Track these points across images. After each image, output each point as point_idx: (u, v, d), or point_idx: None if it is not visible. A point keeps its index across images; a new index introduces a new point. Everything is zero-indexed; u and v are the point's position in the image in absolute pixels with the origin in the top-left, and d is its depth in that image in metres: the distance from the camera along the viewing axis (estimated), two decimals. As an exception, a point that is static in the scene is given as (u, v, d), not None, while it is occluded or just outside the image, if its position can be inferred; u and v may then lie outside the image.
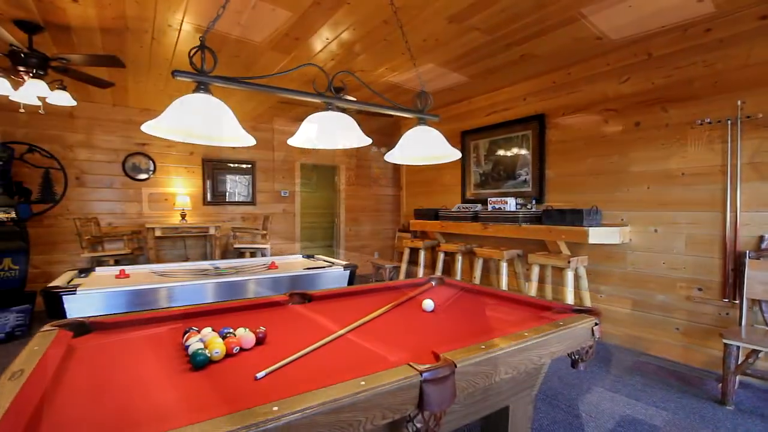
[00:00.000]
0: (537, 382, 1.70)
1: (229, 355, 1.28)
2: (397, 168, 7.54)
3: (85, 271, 3.33)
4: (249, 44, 3.49)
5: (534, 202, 4.27)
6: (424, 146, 1.93)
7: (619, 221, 3.60)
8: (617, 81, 3.62)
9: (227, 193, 6.27)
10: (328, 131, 1.74)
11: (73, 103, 3.48)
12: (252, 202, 6.48)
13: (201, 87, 1.46)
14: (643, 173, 3.45)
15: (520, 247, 4.28)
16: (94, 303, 2.56)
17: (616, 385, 2.83)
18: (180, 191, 5.85)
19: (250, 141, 1.58)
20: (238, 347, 1.32)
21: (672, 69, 3.26)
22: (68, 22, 3.08)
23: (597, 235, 3.41)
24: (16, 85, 3.16)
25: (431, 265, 5.49)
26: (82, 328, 1.42)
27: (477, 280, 4.31)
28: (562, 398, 2.62)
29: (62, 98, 3.38)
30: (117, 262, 5.21)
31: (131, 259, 5.21)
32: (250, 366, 1.17)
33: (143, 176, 5.68)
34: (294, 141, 1.75)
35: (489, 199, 4.44)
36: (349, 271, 3.47)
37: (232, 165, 6.29)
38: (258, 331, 1.43)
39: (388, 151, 2.10)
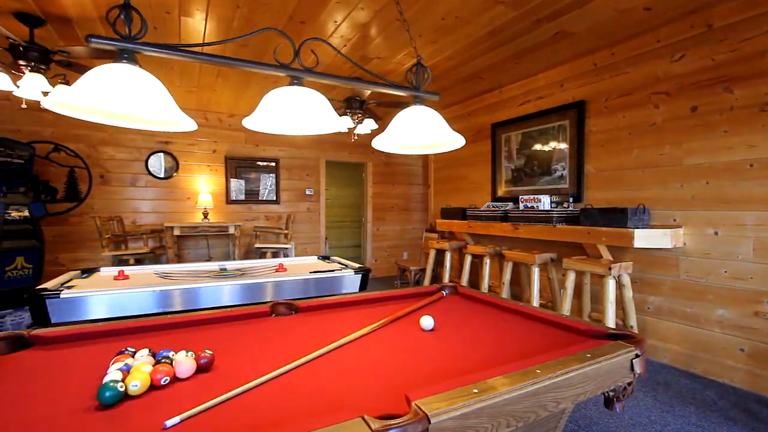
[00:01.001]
0: (559, 425, 1.37)
1: (156, 387, 1.06)
2: (426, 165, 7.22)
3: (88, 272, 3.28)
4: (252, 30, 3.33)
5: (571, 200, 3.84)
6: (419, 131, 1.64)
7: (671, 222, 3.13)
8: (669, 59, 3.14)
9: (250, 192, 6.22)
10: (292, 112, 1.50)
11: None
12: (276, 201, 6.39)
13: (124, 56, 1.24)
14: (701, 166, 2.96)
15: (555, 251, 3.87)
16: (79, 307, 2.44)
17: (666, 416, 2.41)
18: (203, 189, 5.86)
19: (186, 125, 1.36)
20: (167, 378, 1.08)
21: (738, 42, 2.76)
22: (66, 13, 3.03)
23: (644, 237, 2.97)
24: (17, 80, 3.14)
25: (458, 268, 5.15)
26: (20, 342, 1.26)
27: (506, 287, 3.94)
28: (598, 430, 2.24)
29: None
30: (139, 261, 5.27)
31: (152, 258, 5.25)
32: (174, 405, 0.95)
33: (166, 174, 5.72)
34: (250, 122, 1.50)
35: (520, 197, 4.06)
36: (360, 276, 3.23)
37: (255, 163, 6.23)
38: (202, 355, 1.19)
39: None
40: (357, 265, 3.55)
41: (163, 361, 1.13)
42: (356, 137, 4.92)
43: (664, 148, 3.18)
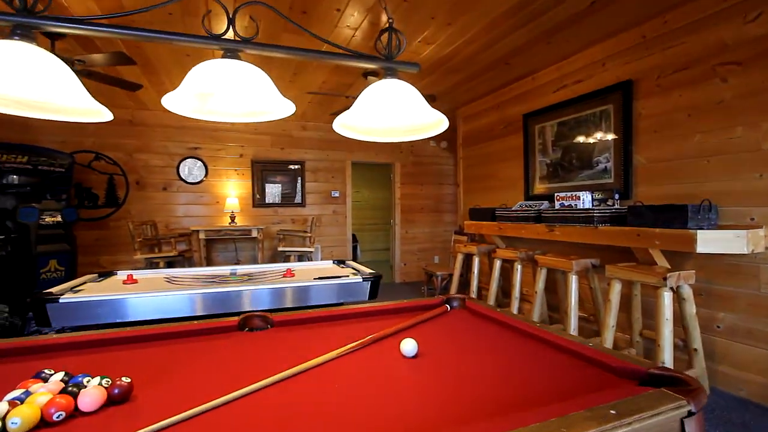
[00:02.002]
0: None
1: (49, 423, 0.83)
2: (457, 163, 6.69)
3: (105, 275, 3.18)
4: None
5: (617, 197, 3.21)
6: (390, 111, 1.22)
7: (748, 221, 2.45)
8: (741, 20, 2.47)
9: (276, 195, 6.04)
10: (225, 92, 1.14)
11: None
12: (301, 204, 6.17)
13: (17, 32, 0.95)
14: (790, 150, 2.28)
15: (598, 256, 3.25)
16: (77, 312, 2.28)
17: (749, 474, 1.79)
18: (231, 193, 5.74)
19: (102, 115, 1.05)
20: (62, 413, 0.84)
21: (842, -13, 2.07)
22: None
23: (710, 240, 2.33)
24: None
25: (488, 274, 4.60)
26: None
27: (539, 296, 3.37)
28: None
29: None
30: (170, 264, 5.22)
31: (180, 261, 5.18)
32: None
33: (195, 179, 5.66)
34: (169, 101, 1.14)
35: (555, 195, 3.47)
36: (369, 283, 2.83)
37: (281, 166, 6.04)
38: (117, 383, 0.94)
39: (447, 144, 1.48)
40: (369, 271, 3.16)
41: (69, 389, 0.91)
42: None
43: (736, 131, 2.51)
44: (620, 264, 2.76)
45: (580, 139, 3.62)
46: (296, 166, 6.11)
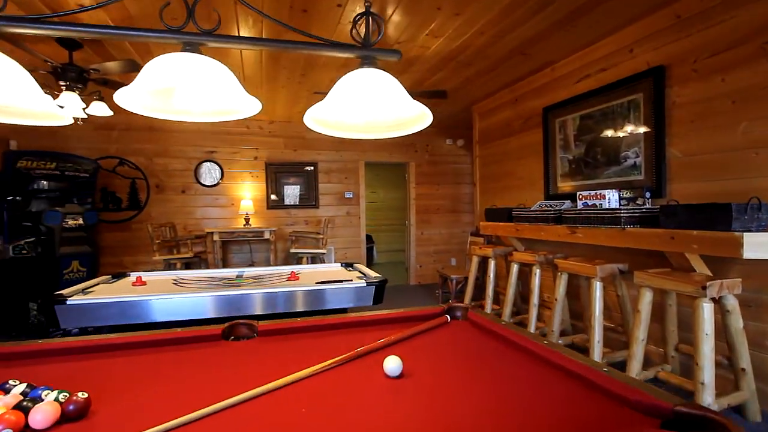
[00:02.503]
0: None
1: None
2: (473, 161, 6.35)
3: (118, 276, 3.12)
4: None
5: (648, 195, 2.84)
6: (367, 105, 0.99)
7: (808, 222, 2.06)
8: (799, -11, 2.08)
9: (290, 197, 5.90)
10: (186, 89, 0.94)
11: (110, 113, 3.28)
12: (314, 205, 6.00)
13: None
14: None
15: (626, 260, 2.89)
16: (83, 313, 2.20)
17: None
18: (245, 195, 5.65)
19: (57, 119, 0.89)
20: (9, 431, 0.77)
21: None
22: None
23: (760, 244, 1.96)
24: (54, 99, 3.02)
25: (506, 278, 4.27)
26: None
27: (560, 304, 3.04)
28: None
29: (100, 109, 3.20)
30: (187, 265, 5.17)
31: (197, 262, 5.11)
32: None
33: (212, 182, 5.59)
34: (123, 99, 0.95)
35: (578, 194, 3.13)
36: (374, 288, 2.59)
37: (294, 168, 5.89)
38: (72, 399, 0.84)
39: (464, 143, 1.25)
40: (375, 275, 2.93)
41: (24, 404, 0.82)
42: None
43: (791, 117, 2.12)
44: (651, 270, 2.40)
45: (606, 132, 3.25)
46: (309, 168, 5.95)
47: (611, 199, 2.88)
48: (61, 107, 3.02)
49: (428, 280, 6.47)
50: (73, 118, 3.13)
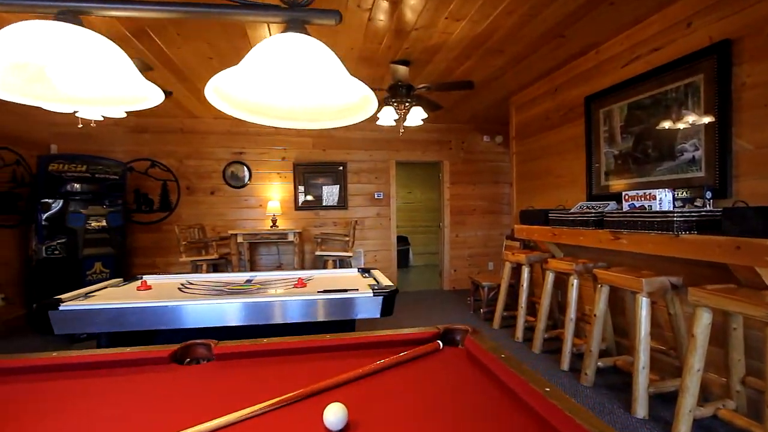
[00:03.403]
0: None
1: None
2: (510, 159, 5.98)
3: (130, 279, 3.19)
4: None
5: (709, 195, 2.43)
6: (290, 82, 0.82)
7: None
8: None
9: (318, 198, 5.87)
10: (59, 68, 0.83)
11: (123, 114, 3.39)
12: (343, 206, 5.93)
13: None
14: None
15: (680, 272, 2.50)
16: (75, 320, 2.22)
17: None
18: (273, 197, 5.70)
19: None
20: None
21: None
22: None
23: None
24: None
25: (542, 287, 3.90)
26: None
27: (599, 320, 2.69)
28: None
29: (114, 111, 3.30)
30: (214, 267, 5.31)
31: (223, 264, 5.22)
32: None
33: (240, 184, 5.70)
34: None
35: (623, 194, 2.76)
36: (381, 299, 2.43)
37: (322, 168, 5.86)
38: None
39: (503, 140, 1.08)
40: (387, 283, 2.76)
41: None
42: (402, 131, 4.11)
43: None
44: (711, 286, 2.03)
45: (658, 122, 2.85)
46: (338, 168, 5.89)
47: (663, 199, 2.51)
48: (75, 111, 3.15)
49: (463, 285, 6.18)
50: (82, 119, 3.26)
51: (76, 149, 5.20)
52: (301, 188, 5.81)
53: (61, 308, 2.18)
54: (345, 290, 2.47)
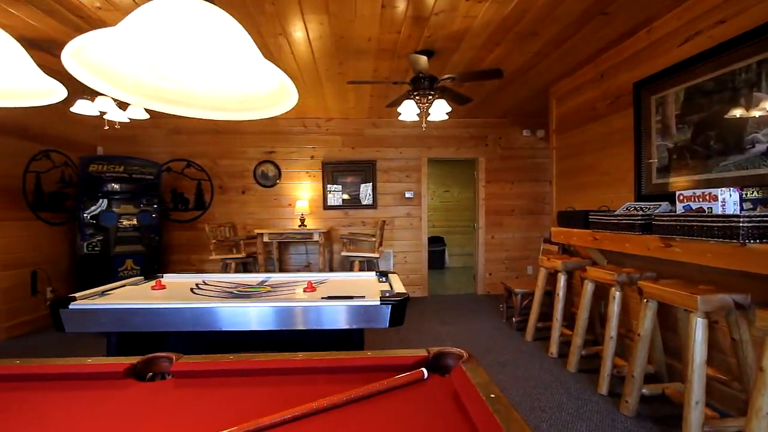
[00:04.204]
0: None
1: None
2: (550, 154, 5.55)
3: (150, 278, 3.24)
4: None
5: (788, 195, 2.00)
6: (181, 58, 0.65)
7: None
8: None
9: (347, 197, 5.78)
10: None
11: (146, 115, 3.46)
12: (372, 206, 5.79)
13: None
14: None
15: (748, 288, 2.08)
16: (84, 319, 2.24)
17: None
18: (302, 195, 5.68)
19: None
20: None
21: None
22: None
23: None
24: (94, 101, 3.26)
25: (571, 299, 3.49)
26: None
27: (644, 339, 2.32)
28: None
29: (137, 111, 3.38)
30: (244, 266, 5.38)
31: (251, 262, 5.27)
32: None
33: (270, 183, 5.73)
34: None
35: (678, 193, 2.36)
36: (389, 307, 2.24)
37: (351, 166, 5.76)
38: None
39: (545, 134, 0.93)
40: (400, 291, 2.56)
41: None
42: (424, 126, 3.87)
43: None
44: (788, 309, 1.64)
45: (723, 108, 2.42)
46: (367, 166, 5.75)
47: (727, 200, 2.10)
48: (104, 113, 3.23)
49: (498, 290, 5.82)
50: (107, 121, 3.34)
51: (120, 151, 5.47)
52: (330, 187, 5.74)
53: (71, 307, 2.21)
54: (350, 297, 2.31)
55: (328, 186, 5.75)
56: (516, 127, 5.88)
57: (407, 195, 5.79)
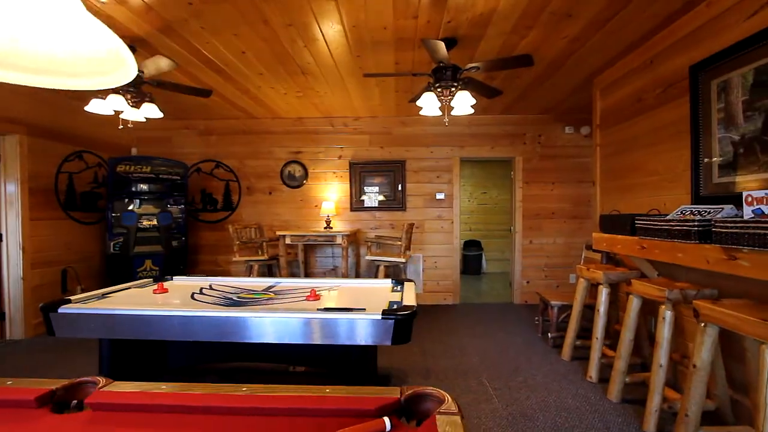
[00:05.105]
0: None
1: None
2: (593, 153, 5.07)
3: (159, 280, 3.24)
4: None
5: None
6: None
7: None
8: None
9: (375, 198, 5.61)
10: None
11: (160, 114, 3.47)
12: (401, 208, 5.58)
13: None
14: None
15: (844, 314, 1.66)
16: (72, 323, 2.21)
17: None
18: (329, 197, 5.59)
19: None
20: None
21: None
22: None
23: None
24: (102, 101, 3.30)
25: (616, 314, 3.04)
26: None
27: (702, 371, 1.94)
28: None
29: (151, 111, 3.40)
30: (268, 268, 5.36)
31: (274, 264, 5.24)
32: None
33: (296, 183, 5.70)
34: None
35: (745, 195, 1.97)
36: (392, 322, 2.03)
37: (379, 166, 5.59)
38: None
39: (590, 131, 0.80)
40: (411, 302, 2.35)
41: None
42: (446, 122, 3.62)
43: None
44: None
45: (806, 91, 1.98)
46: (396, 166, 5.56)
47: (812, 204, 1.70)
48: (120, 111, 3.27)
49: (536, 300, 5.40)
50: (123, 120, 3.37)
51: (154, 152, 5.66)
52: (366, 188, 5.60)
53: (59, 311, 2.18)
54: (349, 309, 2.12)
55: (364, 187, 5.59)
56: (558, 124, 5.44)
57: (438, 196, 5.53)
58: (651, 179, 3.13)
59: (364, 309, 2.13)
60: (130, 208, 4.45)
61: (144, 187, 4.73)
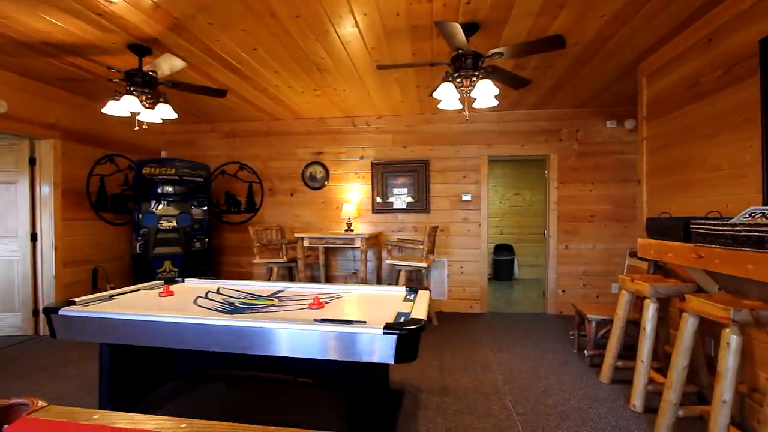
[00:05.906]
0: None
1: None
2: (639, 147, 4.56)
3: (171, 282, 3.15)
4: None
5: None
6: None
7: None
8: None
9: (397, 199, 5.36)
10: None
11: (174, 115, 3.40)
12: (425, 210, 5.30)
13: None
14: None
15: None
16: (72, 326, 2.15)
17: None
18: (350, 198, 5.40)
19: None
20: None
21: None
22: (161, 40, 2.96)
23: None
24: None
25: (666, 333, 2.56)
26: None
27: (781, 415, 1.54)
28: None
29: (165, 111, 3.33)
30: (289, 271, 5.24)
31: (293, 266, 5.11)
32: None
33: (318, 185, 5.55)
34: None
35: (839, 190, 1.55)
36: (395, 338, 1.77)
37: (403, 166, 5.34)
38: None
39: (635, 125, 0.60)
40: (421, 315, 2.08)
41: None
42: (467, 117, 3.31)
43: None
44: None
45: None
46: (420, 166, 5.28)
47: None
48: (137, 113, 3.22)
49: (572, 311, 4.94)
50: (138, 121, 3.32)
51: (181, 154, 5.72)
52: (393, 190, 5.36)
53: (60, 313, 2.12)
54: (348, 321, 1.87)
55: (392, 189, 5.35)
56: (598, 118, 4.97)
57: (464, 198, 5.20)
58: (710, 176, 2.67)
59: (365, 322, 1.89)
60: (151, 209, 4.46)
61: (169, 188, 4.73)
